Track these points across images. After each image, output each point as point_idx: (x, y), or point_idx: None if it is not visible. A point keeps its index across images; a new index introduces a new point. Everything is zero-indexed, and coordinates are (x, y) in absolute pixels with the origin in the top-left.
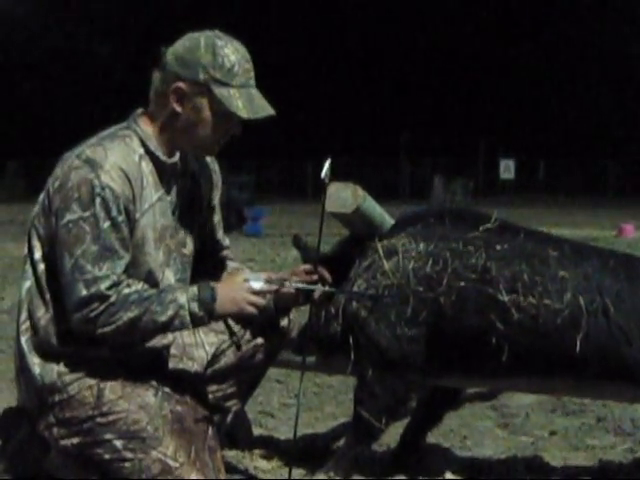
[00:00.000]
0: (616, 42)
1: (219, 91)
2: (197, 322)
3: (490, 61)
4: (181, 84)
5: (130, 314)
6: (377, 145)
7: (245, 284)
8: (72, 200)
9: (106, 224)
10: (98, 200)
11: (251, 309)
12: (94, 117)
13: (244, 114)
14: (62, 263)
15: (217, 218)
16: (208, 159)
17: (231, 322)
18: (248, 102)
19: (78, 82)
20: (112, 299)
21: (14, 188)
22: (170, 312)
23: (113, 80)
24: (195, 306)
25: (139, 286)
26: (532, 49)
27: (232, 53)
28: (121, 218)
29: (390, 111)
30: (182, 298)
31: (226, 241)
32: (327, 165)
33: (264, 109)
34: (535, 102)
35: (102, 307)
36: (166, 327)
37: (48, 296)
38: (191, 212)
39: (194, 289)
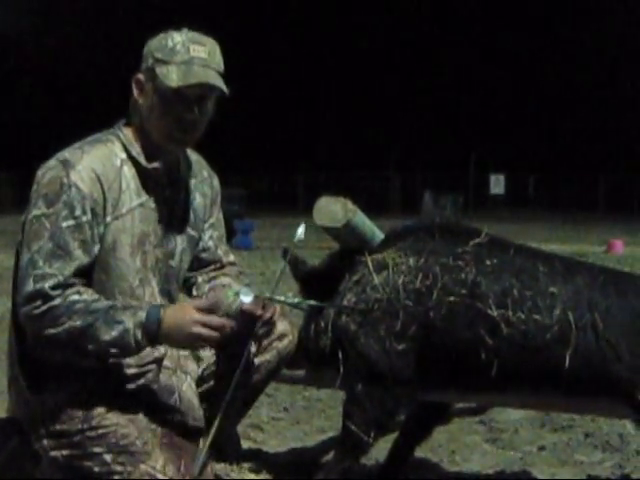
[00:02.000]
0: (606, 59)
1: (159, 70)
2: (140, 348)
3: (480, 76)
4: (139, 75)
5: (72, 323)
6: (367, 159)
7: (194, 315)
8: (40, 197)
9: (66, 223)
10: (63, 197)
11: (196, 345)
12: (84, 128)
13: (173, 83)
14: (21, 257)
15: (217, 234)
16: (205, 173)
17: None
18: (183, 74)
19: (68, 93)
20: (56, 302)
21: (3, 199)
22: (114, 333)
23: (105, 91)
24: (139, 333)
25: (88, 295)
26: (523, 65)
27: (178, 35)
28: (85, 218)
29: (380, 125)
30: (129, 322)
31: (230, 257)
32: (302, 229)
33: (197, 77)
34: (525, 117)
35: (44, 307)
36: (110, 346)
37: None
38: (182, 225)
39: (142, 315)
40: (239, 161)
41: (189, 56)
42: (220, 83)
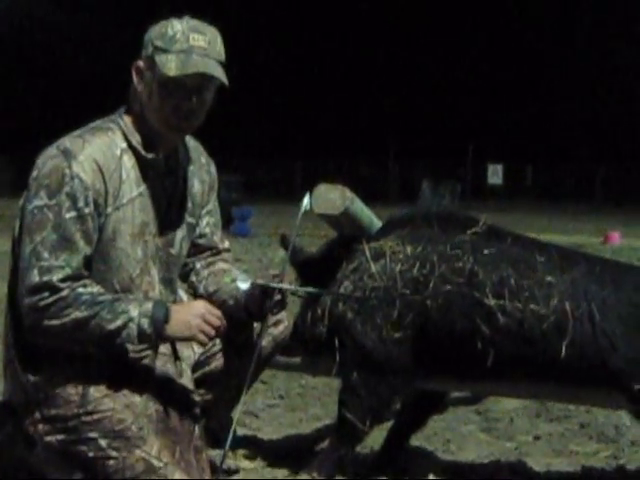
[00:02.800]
0: (603, 48)
1: (158, 58)
2: (144, 339)
3: (479, 65)
4: (139, 62)
5: (79, 314)
6: (366, 147)
7: (201, 309)
8: (42, 187)
9: (69, 214)
10: (66, 189)
11: (202, 337)
12: (83, 112)
13: (171, 72)
14: (22, 247)
15: (213, 220)
16: (203, 160)
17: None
18: (182, 63)
19: (67, 77)
20: (63, 293)
21: (1, 183)
22: (119, 322)
23: (103, 76)
24: (145, 322)
25: (95, 289)
26: (521, 54)
27: (179, 24)
28: (88, 210)
29: (379, 114)
30: (134, 311)
31: (225, 244)
32: (307, 199)
33: (196, 67)
34: (523, 107)
35: (51, 299)
36: (113, 336)
37: None
38: (181, 212)
39: (148, 305)
40: (237, 148)
41: (188, 45)
42: (219, 73)
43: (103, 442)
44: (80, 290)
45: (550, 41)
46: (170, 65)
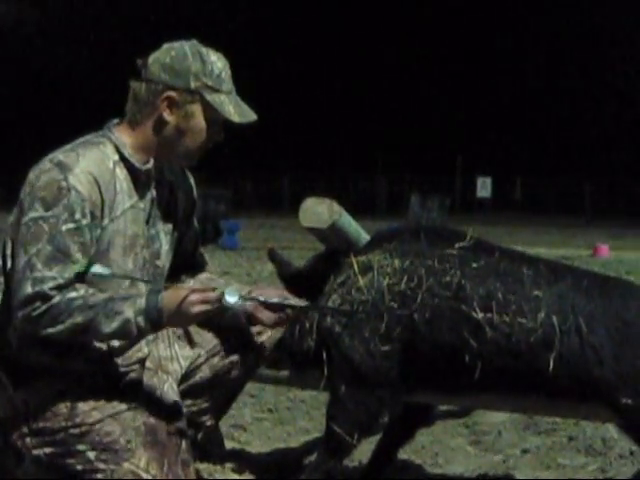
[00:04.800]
0: (593, 62)
1: (211, 97)
2: (143, 334)
3: (467, 78)
4: (172, 93)
5: (73, 320)
6: (354, 161)
7: (191, 297)
8: (37, 199)
9: (66, 226)
10: (63, 201)
11: (198, 318)
12: (72, 126)
13: (236, 119)
14: (17, 260)
15: (194, 232)
16: (184, 172)
17: (207, 337)
18: (237, 107)
19: (55, 91)
20: (55, 300)
21: None
22: (115, 324)
23: (89, 89)
24: (141, 320)
25: (85, 291)
26: (509, 67)
27: (218, 60)
28: (85, 222)
29: (367, 127)
30: (129, 312)
31: (204, 254)
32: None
33: (251, 114)
34: (512, 120)
35: (44, 307)
36: (110, 337)
37: None
38: (167, 224)
39: (141, 302)
40: (225, 161)
41: (231, 85)
42: None
43: (91, 455)
44: (71, 295)
45: (539, 55)
46: (228, 109)
